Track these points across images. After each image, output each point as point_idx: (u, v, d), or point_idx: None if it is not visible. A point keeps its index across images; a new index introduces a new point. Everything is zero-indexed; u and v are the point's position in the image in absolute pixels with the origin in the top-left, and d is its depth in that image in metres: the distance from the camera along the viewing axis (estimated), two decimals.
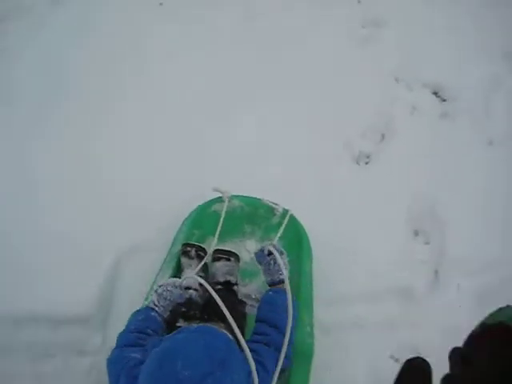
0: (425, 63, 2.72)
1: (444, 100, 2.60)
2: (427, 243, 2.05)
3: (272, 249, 1.41)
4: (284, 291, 1.25)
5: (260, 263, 1.49)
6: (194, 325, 1.18)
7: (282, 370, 1.24)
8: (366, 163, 2.31)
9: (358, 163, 2.30)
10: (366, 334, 1.76)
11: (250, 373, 1.08)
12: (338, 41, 2.77)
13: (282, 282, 1.38)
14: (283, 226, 1.65)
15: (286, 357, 1.22)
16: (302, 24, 2.90)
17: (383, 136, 2.39)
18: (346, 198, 2.14)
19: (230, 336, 1.12)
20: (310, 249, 1.80)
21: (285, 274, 1.35)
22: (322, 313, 1.72)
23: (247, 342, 1.13)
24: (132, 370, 1.16)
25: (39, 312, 1.78)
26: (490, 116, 2.50)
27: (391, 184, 2.20)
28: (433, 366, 0.87)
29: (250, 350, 1.10)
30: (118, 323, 1.40)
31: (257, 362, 1.13)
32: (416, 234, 2.08)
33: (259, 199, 1.86)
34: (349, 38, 2.82)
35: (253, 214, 1.88)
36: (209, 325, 1.16)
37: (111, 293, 1.85)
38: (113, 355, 1.27)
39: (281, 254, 1.42)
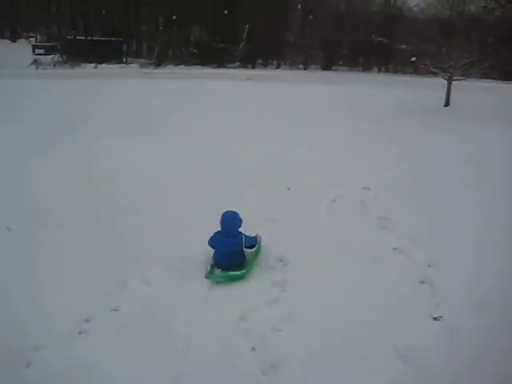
0: None
1: None
2: None
3: (257, 235, 4.70)
4: (256, 239, 4.64)
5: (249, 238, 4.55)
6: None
7: (254, 246, 4.58)
8: None
9: None
10: None
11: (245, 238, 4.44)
12: None
13: (256, 239, 4.63)
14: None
15: (257, 243, 4.61)
16: None
17: None
18: None
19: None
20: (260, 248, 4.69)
21: (258, 238, 4.66)
22: None
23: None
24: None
25: None
26: None
27: None
28: None
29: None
30: None
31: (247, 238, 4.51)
32: None
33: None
34: None
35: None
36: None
37: None
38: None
39: (258, 237, 4.70)
